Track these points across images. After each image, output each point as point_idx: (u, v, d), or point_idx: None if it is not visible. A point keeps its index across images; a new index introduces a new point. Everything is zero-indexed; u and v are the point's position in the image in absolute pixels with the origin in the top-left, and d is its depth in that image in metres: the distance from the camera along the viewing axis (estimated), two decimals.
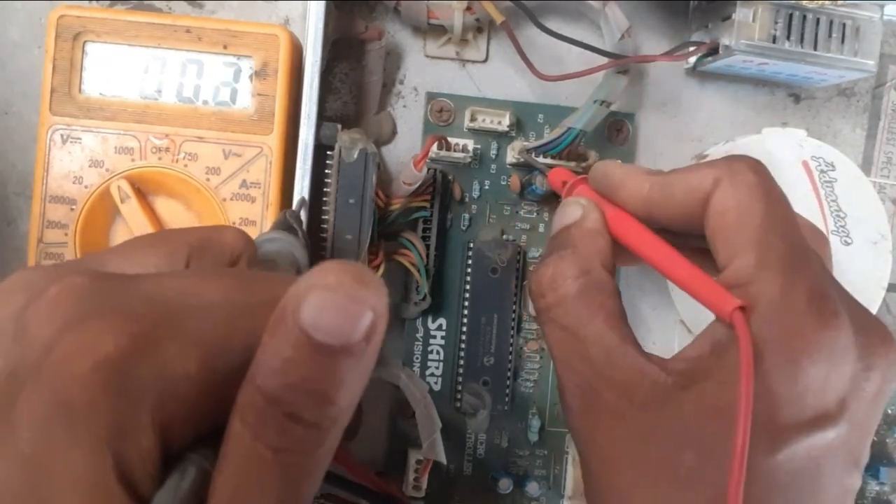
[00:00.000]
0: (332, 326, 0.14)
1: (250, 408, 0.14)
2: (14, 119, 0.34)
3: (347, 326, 0.14)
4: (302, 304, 0.14)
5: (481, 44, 0.36)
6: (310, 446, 0.15)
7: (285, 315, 0.14)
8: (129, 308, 0.15)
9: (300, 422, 0.14)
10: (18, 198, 0.34)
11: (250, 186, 0.31)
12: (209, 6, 0.35)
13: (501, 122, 0.35)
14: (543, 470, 0.36)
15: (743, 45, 0.32)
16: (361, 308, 0.14)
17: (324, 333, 0.14)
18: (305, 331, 0.14)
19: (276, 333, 0.14)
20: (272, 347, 0.14)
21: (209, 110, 0.31)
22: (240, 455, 0.14)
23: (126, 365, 0.14)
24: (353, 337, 0.14)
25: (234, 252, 0.20)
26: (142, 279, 0.16)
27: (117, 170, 0.31)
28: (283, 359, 0.14)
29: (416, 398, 0.34)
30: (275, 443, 0.14)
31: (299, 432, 0.14)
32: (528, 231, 0.36)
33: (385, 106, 0.36)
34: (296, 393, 0.14)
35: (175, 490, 0.14)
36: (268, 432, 0.14)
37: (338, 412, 0.15)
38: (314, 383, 0.14)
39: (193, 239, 0.19)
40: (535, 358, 0.36)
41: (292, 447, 0.14)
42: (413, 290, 0.35)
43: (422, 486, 0.34)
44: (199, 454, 0.15)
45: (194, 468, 0.14)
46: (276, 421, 0.14)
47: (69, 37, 0.31)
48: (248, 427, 0.14)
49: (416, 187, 0.32)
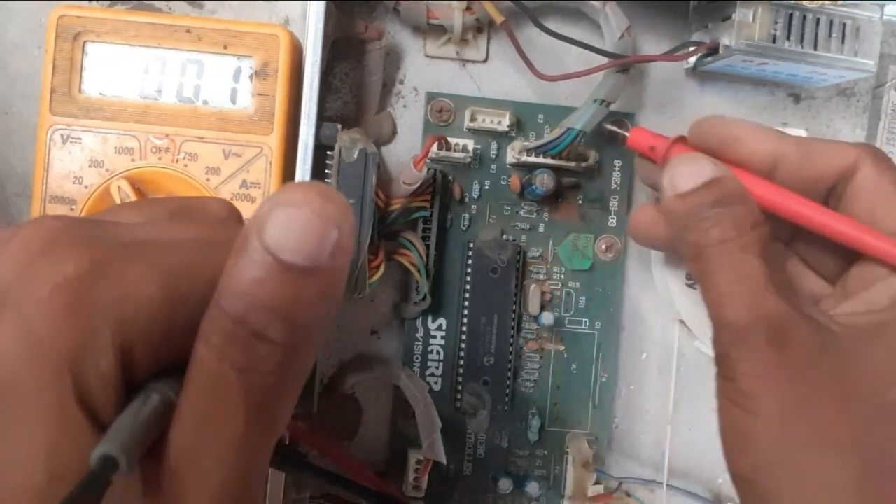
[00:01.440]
0: (297, 244, 0.14)
1: (215, 329, 0.14)
2: (14, 119, 0.34)
3: (313, 244, 0.14)
4: (266, 223, 0.14)
5: (481, 44, 0.36)
6: (275, 366, 0.14)
7: (250, 235, 0.14)
8: (95, 239, 0.15)
9: (265, 340, 0.14)
10: (18, 198, 0.34)
11: (250, 186, 0.31)
12: (209, 6, 0.35)
13: (501, 122, 0.35)
14: (543, 470, 0.36)
15: (743, 45, 0.32)
16: (326, 225, 0.14)
17: (290, 253, 0.14)
18: (270, 249, 0.13)
19: (240, 254, 0.14)
20: (237, 268, 0.14)
21: (209, 110, 0.31)
22: (205, 377, 0.14)
23: (85, 286, 0.14)
24: (319, 256, 0.14)
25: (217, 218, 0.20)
26: (114, 223, 0.16)
27: (117, 170, 0.31)
28: (247, 279, 0.14)
29: (416, 398, 0.34)
30: (240, 362, 0.14)
31: (264, 350, 0.14)
32: (528, 231, 0.36)
33: (385, 106, 0.36)
34: (261, 312, 0.14)
35: (136, 414, 0.14)
36: (232, 352, 0.14)
37: (304, 331, 0.15)
38: (279, 302, 0.14)
39: (176, 205, 0.19)
40: (534, 358, 0.36)
41: (257, 366, 0.14)
42: (413, 290, 0.35)
43: (422, 486, 0.34)
44: (163, 383, 0.15)
45: (157, 395, 0.14)
46: (240, 341, 0.14)
47: (69, 37, 0.31)
48: (212, 349, 0.14)
49: (416, 187, 0.32)
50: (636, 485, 0.37)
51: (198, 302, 0.15)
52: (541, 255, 0.36)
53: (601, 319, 0.37)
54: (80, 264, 0.14)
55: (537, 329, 0.36)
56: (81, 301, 0.14)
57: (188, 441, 0.14)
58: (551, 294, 0.36)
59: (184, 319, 0.15)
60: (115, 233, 0.16)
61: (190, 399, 0.14)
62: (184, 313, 0.15)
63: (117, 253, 0.14)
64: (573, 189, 0.36)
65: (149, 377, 0.15)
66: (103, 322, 0.14)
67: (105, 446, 0.13)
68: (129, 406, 0.14)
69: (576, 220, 0.36)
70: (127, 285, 0.14)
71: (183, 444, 0.14)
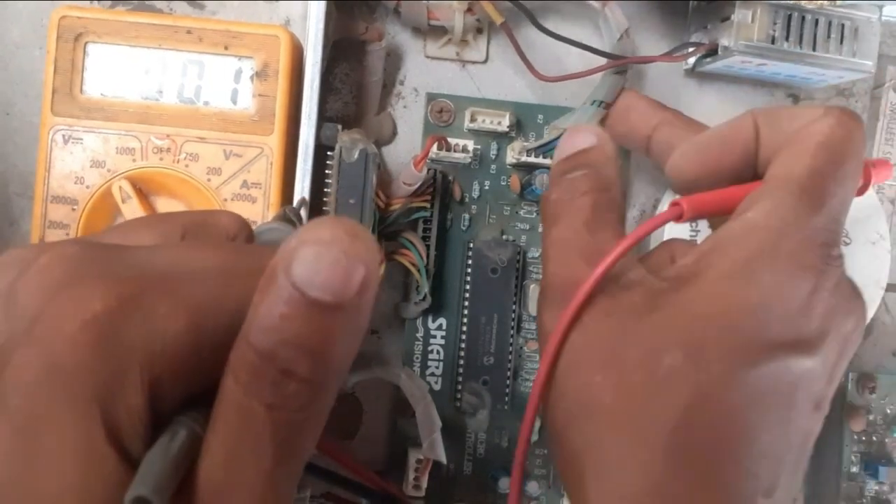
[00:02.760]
0: (324, 281, 0.14)
1: (243, 365, 0.14)
2: (16, 120, 0.34)
3: (340, 281, 0.14)
4: (294, 260, 0.14)
5: (481, 44, 0.36)
6: (303, 402, 0.14)
7: (277, 271, 0.14)
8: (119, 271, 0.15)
9: (293, 377, 0.14)
10: (20, 198, 0.34)
11: (251, 187, 0.32)
12: (210, 7, 0.35)
13: (501, 123, 0.35)
14: (543, 469, 0.36)
15: (742, 45, 0.32)
16: (353, 263, 0.14)
17: (317, 289, 0.14)
18: (298, 286, 0.14)
19: (268, 291, 0.14)
20: (265, 304, 0.14)
21: (210, 111, 0.32)
22: (233, 413, 0.14)
23: (114, 323, 0.14)
24: (346, 293, 0.14)
25: (229, 233, 0.20)
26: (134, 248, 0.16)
27: (119, 170, 0.31)
28: (276, 315, 0.14)
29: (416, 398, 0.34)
30: (268, 399, 0.14)
31: (292, 388, 0.14)
32: (528, 231, 0.36)
33: (385, 106, 0.36)
34: (289, 348, 0.14)
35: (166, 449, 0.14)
36: (261, 389, 0.14)
37: (331, 368, 0.15)
38: (307, 339, 0.14)
39: (188, 220, 0.19)
40: (534, 357, 0.36)
41: (285, 403, 0.14)
42: (413, 290, 0.35)
43: (422, 485, 0.34)
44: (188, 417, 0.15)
45: (184, 430, 0.14)
46: (269, 377, 0.14)
47: (70, 37, 0.31)
48: (241, 384, 0.14)
49: (417, 188, 0.32)
50: None
51: (223, 334, 0.15)
52: (540, 255, 0.36)
53: None
54: (108, 301, 0.14)
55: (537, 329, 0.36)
56: (110, 339, 0.14)
57: (217, 476, 0.14)
58: None
59: (209, 351, 0.15)
60: (136, 261, 0.16)
61: (219, 434, 0.14)
62: (209, 346, 0.15)
63: (143, 287, 0.14)
64: None
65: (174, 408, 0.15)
66: (132, 359, 0.14)
67: (138, 488, 0.13)
68: (158, 443, 0.14)
69: None
70: (155, 321, 0.14)
71: (212, 479, 0.14)
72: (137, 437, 0.14)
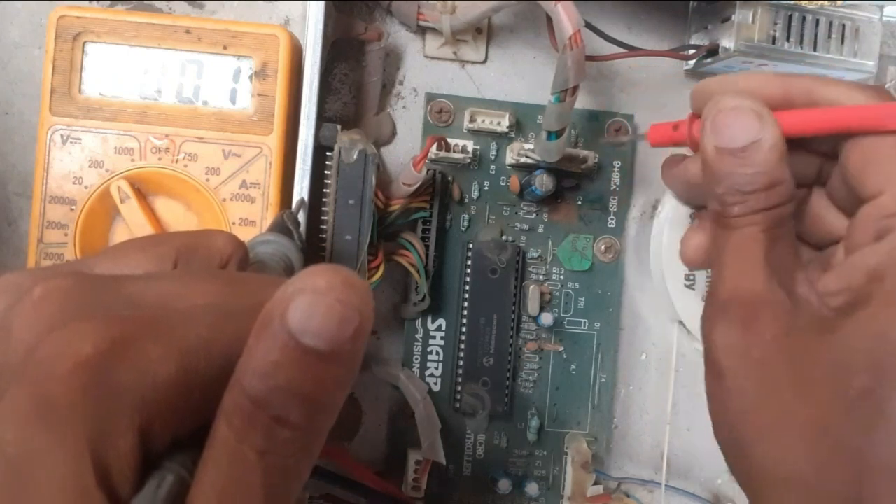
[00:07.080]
0: (319, 330, 0.14)
1: (236, 410, 0.14)
2: (14, 119, 0.34)
3: (335, 330, 0.14)
4: (289, 308, 0.14)
5: (480, 45, 0.36)
6: (295, 449, 0.15)
7: (272, 318, 0.14)
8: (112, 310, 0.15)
9: (286, 424, 0.14)
10: (19, 198, 0.34)
11: (250, 187, 0.31)
12: (209, 6, 0.35)
13: (501, 123, 0.35)
14: (543, 470, 0.36)
15: (742, 46, 0.32)
16: (349, 311, 0.14)
17: (311, 337, 0.14)
18: (293, 334, 0.14)
19: (262, 337, 0.14)
20: (259, 350, 0.14)
21: (209, 111, 0.32)
22: (225, 458, 0.14)
23: (105, 367, 0.14)
24: (340, 340, 0.14)
25: (223, 256, 0.20)
26: (127, 280, 0.16)
27: (117, 170, 0.31)
28: (269, 362, 0.14)
29: (416, 399, 0.34)
30: (261, 446, 0.14)
31: (285, 435, 0.14)
32: (528, 232, 0.36)
33: (385, 107, 0.36)
34: (282, 396, 0.14)
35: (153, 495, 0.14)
36: (254, 435, 0.14)
37: (323, 414, 0.15)
38: (300, 386, 0.14)
39: (182, 243, 0.19)
40: (534, 358, 0.36)
41: (278, 450, 0.14)
42: (412, 291, 0.35)
43: (421, 486, 0.34)
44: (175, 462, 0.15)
45: (172, 475, 0.14)
46: (262, 424, 0.14)
47: (69, 37, 0.31)
48: (233, 430, 0.14)
49: (416, 188, 0.32)
50: (635, 485, 0.37)
51: (215, 375, 0.15)
52: (540, 255, 0.36)
53: (600, 320, 0.37)
54: (100, 344, 0.14)
55: (536, 330, 0.36)
56: (101, 382, 0.14)
57: None
58: (550, 295, 0.36)
59: (200, 392, 0.15)
60: (129, 295, 0.16)
61: (209, 477, 0.14)
62: (200, 387, 0.15)
63: (135, 330, 0.14)
64: (572, 190, 0.36)
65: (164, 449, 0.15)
66: (123, 403, 0.14)
67: None
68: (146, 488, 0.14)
69: (575, 220, 0.36)
70: (146, 365, 0.14)
71: None
72: (126, 480, 0.14)
